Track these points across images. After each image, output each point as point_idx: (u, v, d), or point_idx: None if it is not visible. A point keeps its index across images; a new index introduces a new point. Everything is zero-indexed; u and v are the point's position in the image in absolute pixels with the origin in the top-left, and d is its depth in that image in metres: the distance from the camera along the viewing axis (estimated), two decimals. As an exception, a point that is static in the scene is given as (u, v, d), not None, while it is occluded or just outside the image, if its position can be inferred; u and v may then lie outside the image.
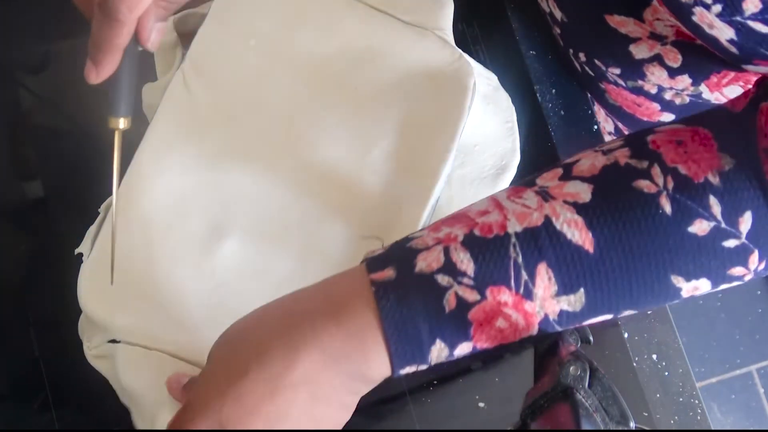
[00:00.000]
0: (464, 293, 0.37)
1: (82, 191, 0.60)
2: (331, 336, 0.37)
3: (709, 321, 1.47)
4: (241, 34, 0.54)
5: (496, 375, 0.60)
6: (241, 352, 0.38)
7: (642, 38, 0.52)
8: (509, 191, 0.40)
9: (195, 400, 0.38)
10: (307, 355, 0.37)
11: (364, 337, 0.37)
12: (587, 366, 0.40)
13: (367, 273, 0.38)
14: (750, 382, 1.47)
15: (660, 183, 0.37)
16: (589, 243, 0.37)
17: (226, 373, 0.37)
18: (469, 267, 0.37)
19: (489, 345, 0.38)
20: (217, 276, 0.51)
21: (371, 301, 0.37)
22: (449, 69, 0.54)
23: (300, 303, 0.39)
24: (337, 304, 0.38)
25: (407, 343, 0.37)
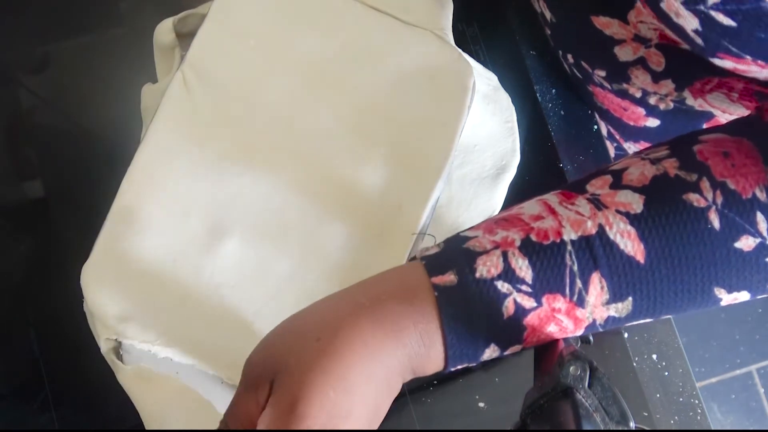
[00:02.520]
0: (522, 300, 0.38)
1: (82, 191, 0.60)
2: (409, 337, 0.38)
3: (709, 321, 1.47)
4: (241, 34, 0.54)
5: (496, 375, 0.60)
6: (336, 344, 0.38)
7: (626, 40, 0.53)
8: (560, 196, 0.41)
9: (301, 394, 0.36)
10: (392, 352, 0.38)
11: (429, 335, 0.38)
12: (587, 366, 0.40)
13: (428, 276, 0.38)
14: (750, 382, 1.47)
15: (709, 198, 0.38)
16: (641, 254, 0.38)
17: (329, 365, 0.37)
18: (528, 274, 0.38)
19: (535, 345, 0.40)
20: (217, 276, 0.51)
21: (434, 304, 0.38)
22: (449, 69, 0.54)
23: (371, 299, 0.39)
24: (407, 302, 0.38)
25: (464, 345, 0.38)
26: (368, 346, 0.37)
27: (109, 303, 0.50)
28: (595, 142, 0.64)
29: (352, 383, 0.37)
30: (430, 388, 0.59)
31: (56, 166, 0.61)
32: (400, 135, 0.53)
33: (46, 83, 0.63)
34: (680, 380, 0.61)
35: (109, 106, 0.61)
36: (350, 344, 0.37)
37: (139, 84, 0.58)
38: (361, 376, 0.37)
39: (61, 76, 0.63)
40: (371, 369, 0.37)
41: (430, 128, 0.54)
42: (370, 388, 0.37)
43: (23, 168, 0.62)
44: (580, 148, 0.64)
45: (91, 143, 0.61)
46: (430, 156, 0.53)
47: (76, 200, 0.60)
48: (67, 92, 0.62)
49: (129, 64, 0.61)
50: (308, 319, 0.40)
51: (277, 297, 0.51)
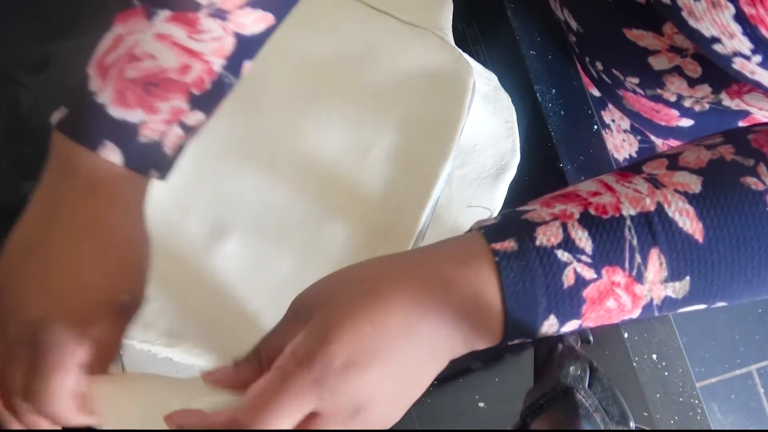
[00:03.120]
0: (582, 270, 0.38)
1: (82, 191, 0.60)
2: (461, 295, 0.38)
3: (709, 321, 1.47)
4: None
5: (496, 375, 0.59)
6: (381, 288, 0.38)
7: (661, 51, 0.52)
8: (616, 176, 0.41)
9: (338, 324, 0.37)
10: (440, 307, 0.38)
11: (486, 303, 0.38)
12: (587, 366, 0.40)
13: (487, 242, 0.38)
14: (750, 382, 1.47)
15: (766, 181, 0.39)
16: (699, 233, 0.38)
17: (371, 304, 0.37)
18: (588, 245, 0.38)
19: (593, 324, 0.40)
20: (217, 276, 0.51)
21: (494, 270, 0.37)
22: (449, 69, 0.54)
23: (426, 260, 0.40)
24: (464, 267, 0.38)
25: (524, 315, 0.38)
26: (414, 298, 0.37)
27: (109, 303, 0.50)
28: (595, 142, 0.64)
29: (390, 327, 0.37)
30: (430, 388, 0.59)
31: (56, 166, 0.61)
32: (400, 135, 0.53)
33: (46, 83, 0.63)
34: (680, 380, 0.61)
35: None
36: (397, 292, 0.38)
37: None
38: (401, 324, 0.37)
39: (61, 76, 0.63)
40: (414, 321, 0.37)
41: (430, 128, 0.54)
42: (409, 342, 0.37)
43: (23, 168, 0.62)
44: (580, 148, 0.64)
45: (91, 143, 0.61)
46: (430, 156, 0.53)
47: (76, 200, 0.60)
48: (67, 92, 0.62)
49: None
50: (362, 267, 0.41)
51: (277, 297, 0.51)
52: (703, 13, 0.41)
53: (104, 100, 0.41)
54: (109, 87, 0.41)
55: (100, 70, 0.41)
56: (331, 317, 0.37)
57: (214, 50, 0.42)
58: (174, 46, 0.41)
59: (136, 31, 0.41)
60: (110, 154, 0.41)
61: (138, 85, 0.41)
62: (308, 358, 0.36)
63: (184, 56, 0.42)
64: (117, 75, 0.41)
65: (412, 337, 0.37)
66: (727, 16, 0.39)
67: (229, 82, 0.44)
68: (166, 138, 0.43)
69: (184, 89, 0.42)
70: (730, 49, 0.41)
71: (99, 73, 0.41)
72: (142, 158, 0.42)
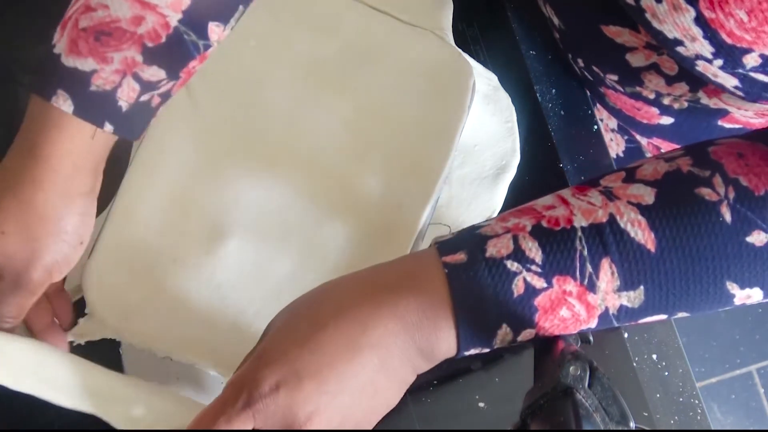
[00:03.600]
0: (532, 280, 0.38)
1: (82, 191, 0.60)
2: (407, 307, 0.38)
3: (709, 321, 1.47)
4: (241, 34, 0.54)
5: (496, 375, 0.59)
6: (320, 310, 0.39)
7: (638, 48, 0.53)
8: (573, 190, 0.42)
9: (270, 349, 0.38)
10: (385, 319, 0.38)
11: (436, 314, 0.38)
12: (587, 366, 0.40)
13: (439, 255, 0.39)
14: (750, 382, 1.47)
15: (721, 192, 0.39)
16: (651, 243, 0.38)
17: (305, 327, 0.38)
18: (538, 255, 0.38)
19: (550, 334, 0.40)
20: (218, 276, 0.51)
21: (443, 282, 0.38)
22: (449, 69, 0.54)
23: (377, 275, 0.41)
24: (412, 280, 0.39)
25: (475, 325, 0.38)
26: (357, 315, 0.38)
27: (110, 303, 0.50)
28: (595, 142, 0.64)
29: (326, 345, 0.37)
30: (430, 388, 0.59)
31: (56, 166, 0.61)
32: (400, 135, 0.53)
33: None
34: (680, 380, 0.61)
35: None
36: (339, 311, 0.38)
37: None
38: (339, 341, 0.37)
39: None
40: (356, 337, 0.37)
41: (430, 128, 0.54)
42: (351, 358, 0.37)
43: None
44: (580, 148, 0.64)
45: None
46: (430, 156, 0.53)
47: (76, 200, 0.60)
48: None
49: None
50: (312, 291, 0.41)
51: (277, 297, 0.51)
52: (665, 16, 0.41)
53: (60, 50, 0.42)
54: (65, 38, 0.42)
55: (61, 25, 0.43)
56: (267, 345, 0.39)
57: (168, 3, 0.42)
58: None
59: None
60: (62, 102, 0.42)
61: (90, 34, 0.42)
62: (239, 384, 0.37)
63: (137, 7, 0.42)
64: (72, 26, 0.42)
65: (354, 352, 0.38)
66: (688, 20, 0.40)
67: (193, 41, 0.44)
68: (120, 90, 0.43)
69: (137, 40, 0.42)
70: (693, 51, 0.42)
71: (60, 27, 0.43)
72: (94, 107, 0.42)
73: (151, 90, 0.44)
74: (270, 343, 0.39)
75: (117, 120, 0.44)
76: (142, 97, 0.44)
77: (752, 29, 0.38)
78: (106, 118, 0.43)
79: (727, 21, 0.38)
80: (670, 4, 0.40)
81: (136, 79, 0.43)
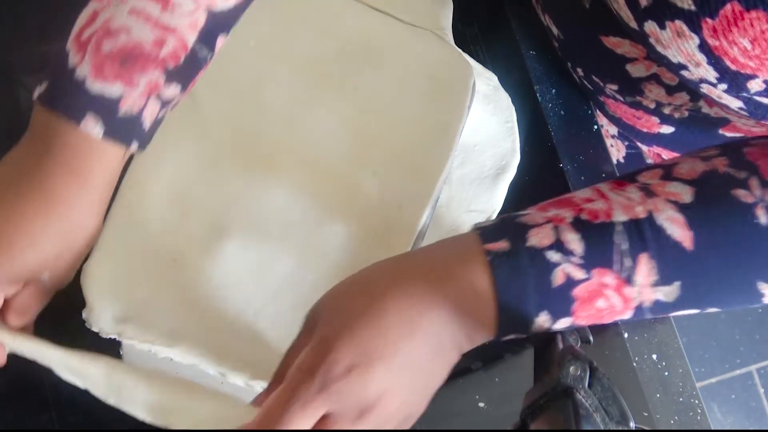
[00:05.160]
0: (572, 271, 0.39)
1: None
2: (455, 292, 0.40)
3: (709, 321, 1.47)
4: (241, 34, 0.54)
5: (496, 375, 0.59)
6: (377, 293, 0.40)
7: (638, 58, 0.53)
8: (610, 184, 0.43)
9: (336, 333, 0.39)
10: (438, 304, 0.39)
11: (479, 300, 0.39)
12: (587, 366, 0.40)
13: (481, 242, 0.40)
14: (750, 382, 1.47)
15: (757, 194, 0.40)
16: (689, 241, 0.39)
17: (365, 309, 0.39)
18: (578, 247, 0.39)
19: (586, 323, 0.41)
20: (217, 276, 0.51)
21: (486, 269, 0.39)
22: (449, 69, 0.54)
23: (425, 260, 0.42)
24: (457, 266, 0.40)
25: (516, 311, 0.39)
26: (413, 297, 0.39)
27: (110, 303, 0.50)
28: (595, 142, 0.64)
29: (389, 327, 0.38)
30: (430, 388, 0.59)
31: (56, 166, 0.61)
32: (400, 135, 0.53)
33: (46, 83, 0.63)
34: (680, 380, 0.61)
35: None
36: (395, 292, 0.39)
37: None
38: (400, 323, 0.39)
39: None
40: (415, 318, 0.39)
41: (430, 128, 0.54)
42: (411, 338, 0.39)
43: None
44: (580, 148, 0.64)
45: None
46: (430, 156, 0.53)
47: (76, 200, 0.60)
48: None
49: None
50: (360, 274, 0.42)
51: (277, 297, 0.51)
52: (669, 42, 0.42)
53: (83, 74, 0.42)
54: (87, 61, 0.42)
55: (77, 46, 0.43)
56: (331, 328, 0.39)
57: (187, 25, 0.43)
58: (148, 21, 0.42)
59: (111, 6, 0.42)
60: (92, 126, 0.42)
61: (115, 59, 0.42)
62: (312, 369, 0.38)
63: (158, 31, 0.43)
64: (94, 49, 0.42)
65: (414, 334, 0.39)
66: (692, 46, 0.40)
67: (204, 56, 0.46)
68: (145, 111, 0.44)
69: (160, 63, 0.43)
70: (697, 75, 0.42)
71: (77, 48, 0.43)
72: (123, 130, 0.44)
73: (168, 105, 0.46)
74: (334, 327, 0.39)
75: (141, 137, 0.45)
76: (160, 113, 0.46)
77: (756, 57, 0.38)
78: (134, 138, 0.45)
79: (731, 48, 0.39)
80: (674, 31, 0.40)
81: (158, 99, 0.45)
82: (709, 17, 0.38)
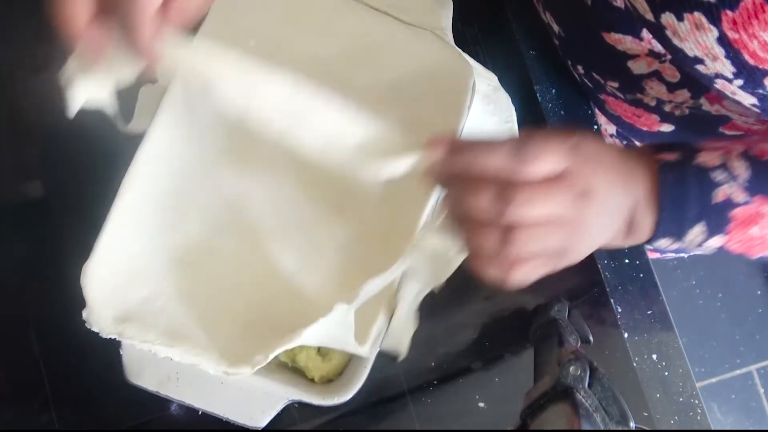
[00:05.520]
0: (733, 192, 0.41)
1: (82, 191, 0.60)
2: (634, 183, 0.42)
3: (709, 321, 1.46)
4: (241, 34, 0.54)
5: (496, 375, 0.60)
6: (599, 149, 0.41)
7: (640, 55, 0.52)
8: None
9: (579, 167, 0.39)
10: (623, 185, 0.41)
11: (645, 198, 0.42)
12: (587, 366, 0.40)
13: (654, 153, 0.43)
14: (750, 382, 1.47)
15: None
16: None
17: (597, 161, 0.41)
18: (744, 173, 0.42)
19: (736, 249, 0.43)
20: (217, 276, 0.51)
21: (654, 173, 0.42)
22: (449, 69, 0.54)
23: (615, 151, 0.43)
24: (635, 167, 0.42)
25: (676, 215, 0.41)
26: (610, 173, 0.41)
27: (109, 303, 0.50)
28: (595, 142, 0.64)
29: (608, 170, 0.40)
30: (430, 388, 0.59)
31: (56, 166, 0.61)
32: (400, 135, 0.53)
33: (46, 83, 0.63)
34: (680, 380, 0.61)
35: (109, 106, 0.61)
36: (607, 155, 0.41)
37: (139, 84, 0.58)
38: (613, 174, 0.40)
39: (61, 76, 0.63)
40: (618, 183, 0.40)
41: (430, 128, 0.53)
42: (615, 194, 0.40)
43: (23, 168, 0.62)
44: (580, 148, 0.64)
45: (91, 143, 0.61)
46: (430, 156, 0.53)
47: (76, 200, 0.60)
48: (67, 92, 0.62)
49: (129, 64, 0.61)
50: None
51: (277, 297, 0.51)
52: (686, 34, 0.41)
53: None
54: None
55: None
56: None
57: None
58: None
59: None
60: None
61: None
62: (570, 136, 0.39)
63: None
64: None
65: (615, 192, 0.41)
66: (710, 39, 0.40)
67: None
68: None
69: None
70: (713, 70, 0.42)
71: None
72: None
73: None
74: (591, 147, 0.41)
75: None
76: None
77: None
78: None
79: (750, 42, 0.38)
80: (692, 23, 0.40)
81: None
82: (729, 9, 0.38)
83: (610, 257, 0.63)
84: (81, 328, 0.51)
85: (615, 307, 0.62)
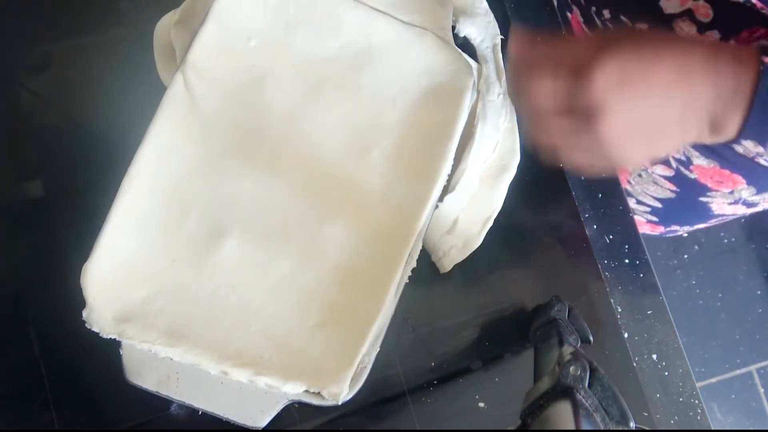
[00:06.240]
0: None
1: (82, 191, 0.60)
2: (723, 76, 0.41)
3: (709, 321, 1.47)
4: (242, 34, 0.54)
5: (496, 375, 0.60)
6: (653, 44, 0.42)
7: None
8: None
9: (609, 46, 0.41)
10: (700, 73, 0.41)
11: (737, 94, 0.41)
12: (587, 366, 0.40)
13: (759, 55, 0.42)
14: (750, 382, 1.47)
15: None
16: None
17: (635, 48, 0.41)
18: None
19: None
20: (217, 276, 0.51)
21: (755, 73, 0.41)
22: (448, 69, 0.54)
23: (709, 41, 0.44)
24: (734, 58, 0.42)
25: (765, 116, 0.41)
26: (683, 64, 0.41)
27: (109, 303, 0.50)
28: (595, 142, 0.64)
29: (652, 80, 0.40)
30: (430, 388, 0.59)
31: (56, 166, 0.61)
32: (400, 135, 0.53)
33: (46, 83, 0.63)
34: (680, 380, 0.61)
35: (109, 106, 0.61)
36: (670, 52, 0.41)
37: (140, 84, 0.58)
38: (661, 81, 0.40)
39: (61, 76, 0.63)
40: (676, 84, 0.40)
41: (429, 128, 0.54)
42: (664, 97, 0.40)
43: (23, 168, 0.62)
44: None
45: (91, 143, 0.61)
46: (430, 156, 0.53)
47: (76, 200, 0.60)
48: (67, 92, 0.62)
49: (129, 64, 0.61)
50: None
51: (277, 297, 0.51)
52: None
53: None
54: None
55: None
56: None
57: None
58: None
59: None
60: None
61: None
62: None
63: None
64: None
65: (669, 95, 0.41)
66: None
67: None
68: None
69: None
70: None
71: None
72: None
73: None
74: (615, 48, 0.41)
75: None
76: None
77: None
78: None
79: None
80: None
81: None
82: None
83: (610, 257, 0.63)
84: (81, 328, 0.51)
85: (615, 307, 0.62)
